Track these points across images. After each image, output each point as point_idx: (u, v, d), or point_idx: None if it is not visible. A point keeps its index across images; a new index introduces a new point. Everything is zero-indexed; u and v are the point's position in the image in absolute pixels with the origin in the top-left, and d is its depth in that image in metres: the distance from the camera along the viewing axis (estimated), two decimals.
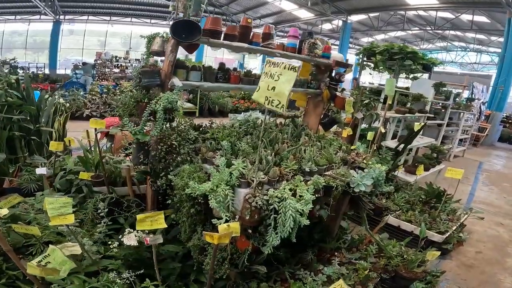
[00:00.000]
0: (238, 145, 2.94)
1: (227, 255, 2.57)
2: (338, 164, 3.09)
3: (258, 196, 2.29)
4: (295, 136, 3.51)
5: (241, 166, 2.50)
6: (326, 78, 4.01)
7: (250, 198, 2.28)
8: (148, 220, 2.39)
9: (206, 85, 3.09)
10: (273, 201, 2.31)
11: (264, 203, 2.27)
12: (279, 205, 2.31)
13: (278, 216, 2.31)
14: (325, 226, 3.55)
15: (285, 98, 2.09)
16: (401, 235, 4.36)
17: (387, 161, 5.40)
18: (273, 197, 2.32)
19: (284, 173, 2.61)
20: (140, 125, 2.66)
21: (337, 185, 2.74)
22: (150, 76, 2.83)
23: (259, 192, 2.38)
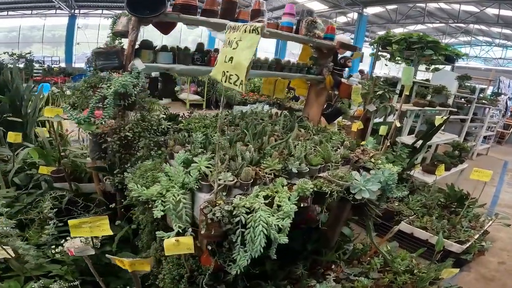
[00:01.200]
0: (213, 138, 2.29)
1: (186, 272, 1.95)
2: (337, 164, 2.38)
3: (218, 206, 1.64)
4: (288, 129, 2.82)
5: (204, 164, 1.86)
6: (329, 63, 3.27)
7: (206, 208, 1.63)
8: (86, 226, 1.81)
9: (178, 67, 2.45)
10: (239, 212, 1.65)
11: (225, 215, 1.62)
12: (247, 217, 1.65)
13: (246, 231, 1.65)
14: (322, 233, 2.86)
15: (243, 70, 1.41)
16: (414, 244, 3.67)
17: (402, 159, 4.60)
18: (239, 207, 1.66)
19: (262, 175, 1.94)
20: (87, 113, 2.08)
21: (332, 191, 2.04)
22: (105, 57, 2.27)
23: (223, 199, 1.73)
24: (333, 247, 2.84)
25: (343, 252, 2.83)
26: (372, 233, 2.96)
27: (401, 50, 7.08)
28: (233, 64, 1.44)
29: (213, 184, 1.79)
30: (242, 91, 1.48)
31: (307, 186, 1.86)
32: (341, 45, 3.15)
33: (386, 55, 7.74)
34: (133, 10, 2.07)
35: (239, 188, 1.90)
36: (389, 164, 2.66)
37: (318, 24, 2.92)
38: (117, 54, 2.28)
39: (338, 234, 2.91)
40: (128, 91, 2.11)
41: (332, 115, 3.40)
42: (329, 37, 3.14)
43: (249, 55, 1.39)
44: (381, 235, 3.96)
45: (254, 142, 2.36)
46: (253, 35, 1.40)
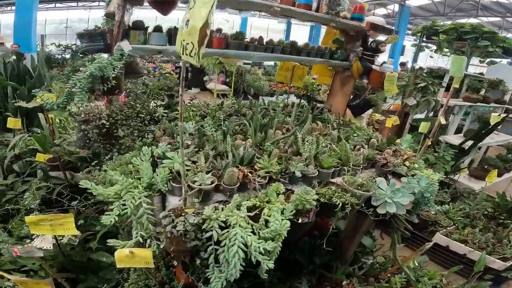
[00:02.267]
0: (207, 128, 1.84)
1: (154, 285, 1.55)
2: (357, 167, 1.82)
3: (183, 216, 1.19)
4: (302, 121, 2.29)
5: (178, 160, 1.42)
6: (358, 48, 2.65)
7: (166, 218, 1.19)
8: (46, 224, 1.48)
9: (172, 49, 2.01)
10: (211, 227, 1.19)
11: (190, 229, 1.17)
12: (220, 233, 1.19)
13: (221, 249, 1.19)
14: (337, 243, 2.32)
15: (196, 34, 0.93)
16: (449, 259, 3.04)
17: (445, 161, 3.83)
18: (212, 220, 1.20)
19: (251, 178, 1.46)
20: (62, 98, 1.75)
21: (345, 203, 1.50)
22: (89, 39, 1.95)
23: (195, 207, 1.28)
24: (347, 260, 2.28)
25: (359, 266, 2.26)
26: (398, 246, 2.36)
27: (450, 40, 6.07)
28: (188, 29, 0.97)
29: (186, 187, 1.35)
30: (196, 64, 1.01)
31: (308, 197, 1.34)
32: (372, 26, 2.52)
33: (432, 46, 6.74)
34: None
35: (223, 194, 1.44)
36: (428, 170, 2.03)
37: (342, 1, 2.33)
38: (102, 35, 1.92)
39: (356, 245, 2.34)
40: (106, 74, 1.74)
41: (360, 107, 2.80)
42: (357, 17, 2.52)
43: (204, 13, 0.90)
44: (411, 247, 3.33)
45: (256, 136, 1.88)
46: None
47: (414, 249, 3.34)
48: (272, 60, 2.74)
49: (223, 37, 2.16)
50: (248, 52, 2.20)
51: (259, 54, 2.23)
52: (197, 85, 8.57)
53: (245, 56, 2.20)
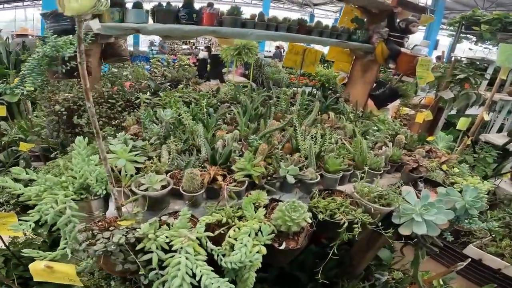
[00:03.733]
0: (185, 116, 1.43)
1: None
2: (376, 172, 1.33)
3: (109, 232, 0.80)
4: (309, 111, 1.80)
5: (125, 156, 1.02)
6: (382, 28, 2.10)
7: (82, 233, 0.81)
8: None
9: (152, 27, 1.62)
10: (149, 247, 0.79)
11: (116, 249, 0.77)
12: (164, 257, 0.78)
13: (163, 278, 0.78)
14: (346, 257, 1.83)
15: None
16: (482, 274, 2.52)
17: (486, 163, 3.16)
18: (150, 240, 0.80)
19: (220, 183, 1.03)
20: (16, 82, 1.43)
21: (353, 222, 1.03)
22: (54, 19, 1.64)
23: (135, 220, 0.88)
24: (357, 276, 1.79)
25: (370, 284, 1.77)
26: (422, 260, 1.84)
27: (494, 31, 5.24)
28: None
29: (126, 191, 0.95)
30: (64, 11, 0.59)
31: (295, 215, 0.89)
32: (399, 2, 1.97)
33: (471, 38, 5.89)
34: None
35: (186, 202, 1.02)
36: (474, 177, 1.49)
37: None
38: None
39: (370, 260, 1.84)
40: (62, 54, 1.38)
41: (384, 97, 2.24)
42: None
43: None
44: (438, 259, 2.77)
45: (245, 127, 1.44)
46: None
47: (441, 262, 2.79)
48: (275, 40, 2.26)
49: (215, 12, 1.73)
50: (245, 29, 1.75)
51: (259, 32, 1.76)
52: (217, 76, 8.21)
53: (241, 34, 1.75)
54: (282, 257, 0.98)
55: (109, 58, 1.91)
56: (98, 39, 1.64)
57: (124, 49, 1.96)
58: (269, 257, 0.95)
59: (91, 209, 1.03)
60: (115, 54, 1.90)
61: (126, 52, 1.98)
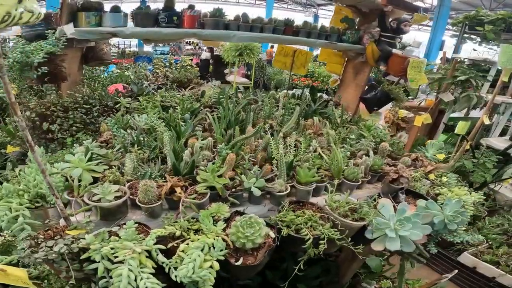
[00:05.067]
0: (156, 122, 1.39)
1: None
2: (355, 182, 1.26)
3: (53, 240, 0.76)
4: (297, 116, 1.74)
5: (81, 165, 0.98)
6: (373, 28, 2.03)
7: (26, 241, 0.78)
8: None
9: (130, 30, 1.59)
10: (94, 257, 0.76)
11: (57, 258, 0.75)
12: (111, 267, 0.75)
13: None
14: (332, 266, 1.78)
15: None
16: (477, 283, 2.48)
17: (485, 169, 3.06)
18: (97, 252, 0.76)
19: (180, 195, 0.98)
20: None
21: (320, 237, 0.97)
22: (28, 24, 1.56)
23: (86, 229, 0.84)
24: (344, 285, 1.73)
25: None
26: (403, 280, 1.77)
27: (498, 31, 5.08)
28: None
29: (80, 201, 0.91)
30: None
31: (250, 232, 0.84)
32: (389, 1, 1.90)
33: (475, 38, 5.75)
34: None
35: (143, 213, 0.98)
36: (461, 188, 1.42)
37: None
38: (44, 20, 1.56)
39: (356, 270, 1.78)
40: (31, 60, 1.36)
41: (376, 100, 2.16)
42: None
43: None
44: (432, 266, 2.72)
45: (220, 135, 1.40)
46: None
47: (435, 269, 2.72)
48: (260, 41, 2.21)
49: (196, 14, 1.69)
50: (227, 31, 1.70)
51: (242, 33, 1.71)
52: (219, 77, 8.19)
53: (223, 36, 1.70)
54: (241, 273, 0.93)
55: (90, 62, 1.89)
56: (74, 44, 1.61)
57: (106, 53, 1.93)
58: (229, 272, 0.91)
59: (48, 216, 1.00)
60: (97, 57, 1.88)
61: (108, 55, 1.96)
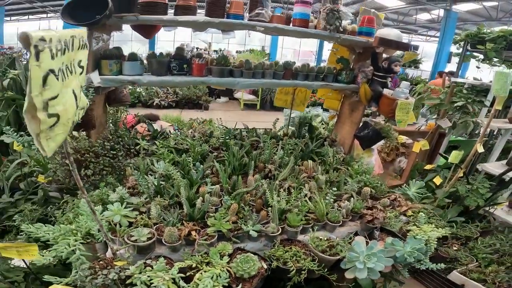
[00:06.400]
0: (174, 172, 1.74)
1: None
2: (335, 224, 1.61)
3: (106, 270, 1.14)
4: (286, 164, 2.08)
5: (120, 212, 1.36)
6: (367, 67, 2.35)
7: (88, 270, 1.15)
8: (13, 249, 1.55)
9: (146, 79, 1.90)
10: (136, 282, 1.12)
11: (111, 283, 1.12)
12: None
13: None
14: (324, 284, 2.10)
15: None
16: None
17: (478, 194, 3.34)
18: (137, 279, 1.13)
19: (195, 237, 1.35)
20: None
21: (302, 268, 1.32)
22: None
23: (127, 261, 1.21)
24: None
25: None
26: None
27: (498, 50, 5.32)
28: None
29: (122, 240, 1.29)
30: None
31: (247, 266, 1.20)
32: (380, 41, 2.19)
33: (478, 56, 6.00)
34: (73, 17, 1.61)
35: (168, 249, 1.35)
36: (428, 226, 1.74)
37: (343, 14, 2.08)
38: None
39: None
40: None
41: (369, 138, 2.49)
42: (365, 31, 2.24)
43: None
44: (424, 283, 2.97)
45: (231, 179, 1.76)
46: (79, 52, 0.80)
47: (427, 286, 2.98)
48: (261, 87, 2.55)
49: (203, 62, 2.03)
50: (231, 79, 2.06)
51: (245, 81, 2.07)
52: (227, 94, 8.63)
53: (228, 83, 2.06)
54: None
55: (112, 104, 2.21)
56: (99, 91, 1.89)
57: (125, 95, 2.23)
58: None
59: (95, 249, 1.37)
60: (118, 100, 2.19)
61: (127, 97, 2.25)
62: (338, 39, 2.17)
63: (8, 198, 2.60)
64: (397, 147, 3.79)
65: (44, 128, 0.71)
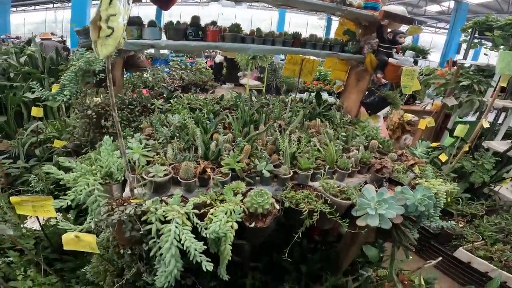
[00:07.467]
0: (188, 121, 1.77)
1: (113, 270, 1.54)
2: (345, 171, 1.61)
3: (123, 206, 1.14)
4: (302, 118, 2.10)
5: (139, 151, 1.37)
6: (373, 39, 2.37)
7: (105, 206, 1.16)
8: (29, 205, 1.56)
9: (165, 43, 1.98)
10: (151, 219, 1.13)
11: (127, 219, 1.12)
12: (160, 227, 1.12)
13: (158, 244, 1.13)
14: (332, 253, 2.11)
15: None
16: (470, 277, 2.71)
17: (484, 170, 3.31)
18: (152, 213, 1.14)
19: (210, 174, 1.36)
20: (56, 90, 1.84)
21: (314, 210, 1.32)
22: (85, 35, 2.05)
23: (143, 198, 1.22)
24: (340, 271, 2.06)
25: (354, 278, 2.04)
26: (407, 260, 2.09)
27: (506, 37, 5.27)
28: None
29: (139, 177, 1.30)
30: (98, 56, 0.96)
31: (261, 199, 1.20)
32: (385, 15, 2.21)
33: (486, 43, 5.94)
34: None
35: (182, 188, 1.36)
36: (437, 180, 1.74)
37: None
38: None
39: (353, 256, 2.10)
40: (93, 68, 1.78)
41: (375, 104, 2.49)
42: (370, 6, 2.25)
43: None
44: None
45: (238, 132, 1.77)
46: None
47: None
48: (272, 53, 2.56)
49: (217, 29, 2.07)
50: (244, 44, 2.08)
51: (256, 46, 2.09)
52: (232, 80, 8.64)
53: (240, 48, 2.08)
54: (254, 235, 1.28)
55: (130, 68, 2.30)
56: (120, 54, 2.02)
57: (142, 61, 2.34)
58: (244, 235, 1.27)
59: (112, 191, 1.38)
60: (135, 65, 2.29)
61: (144, 63, 2.36)
62: (344, 11, 2.17)
63: (24, 163, 2.64)
64: (402, 125, 3.77)
65: (102, 35, 0.92)
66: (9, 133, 3.13)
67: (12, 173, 2.49)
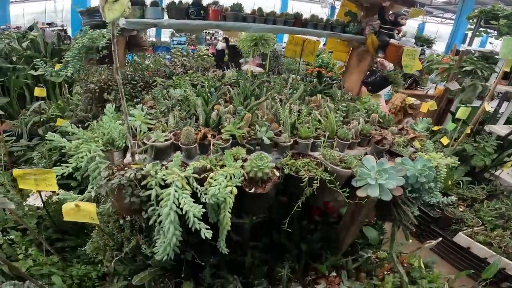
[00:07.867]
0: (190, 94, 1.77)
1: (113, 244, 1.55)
2: (344, 141, 1.61)
3: (123, 171, 1.15)
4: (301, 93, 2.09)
5: (140, 118, 1.37)
6: (374, 21, 2.34)
7: (106, 171, 1.16)
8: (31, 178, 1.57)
9: (166, 22, 1.97)
10: (150, 184, 1.13)
11: (126, 183, 1.12)
12: (160, 192, 1.13)
13: (158, 211, 1.13)
14: (332, 233, 2.12)
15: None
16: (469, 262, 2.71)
17: (485, 153, 3.30)
18: (152, 177, 1.14)
19: (210, 139, 1.36)
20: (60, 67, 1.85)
21: (314, 178, 1.32)
22: (89, 16, 2.09)
23: (143, 163, 1.23)
24: (340, 251, 2.07)
25: (354, 258, 2.05)
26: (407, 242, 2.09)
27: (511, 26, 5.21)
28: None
29: (140, 143, 1.30)
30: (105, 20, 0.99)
31: (261, 163, 1.20)
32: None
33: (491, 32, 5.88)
34: None
35: (183, 154, 1.36)
36: (437, 154, 1.73)
37: None
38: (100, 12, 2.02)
39: (353, 237, 2.11)
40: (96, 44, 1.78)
41: (376, 83, 2.48)
42: None
43: None
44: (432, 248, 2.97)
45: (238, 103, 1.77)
46: None
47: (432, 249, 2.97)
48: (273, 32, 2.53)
49: (219, 9, 2.06)
50: (245, 23, 2.06)
51: (257, 25, 2.07)
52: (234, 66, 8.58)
53: (242, 27, 2.06)
54: (254, 202, 1.29)
55: (132, 48, 2.29)
56: (123, 32, 2.01)
57: (144, 40, 2.33)
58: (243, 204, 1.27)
59: (113, 158, 1.39)
60: (137, 44, 2.28)
61: (146, 43, 2.35)
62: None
63: (27, 142, 2.65)
64: (404, 108, 3.74)
65: (110, 0, 1.00)
66: (12, 114, 3.15)
67: (15, 151, 2.51)
